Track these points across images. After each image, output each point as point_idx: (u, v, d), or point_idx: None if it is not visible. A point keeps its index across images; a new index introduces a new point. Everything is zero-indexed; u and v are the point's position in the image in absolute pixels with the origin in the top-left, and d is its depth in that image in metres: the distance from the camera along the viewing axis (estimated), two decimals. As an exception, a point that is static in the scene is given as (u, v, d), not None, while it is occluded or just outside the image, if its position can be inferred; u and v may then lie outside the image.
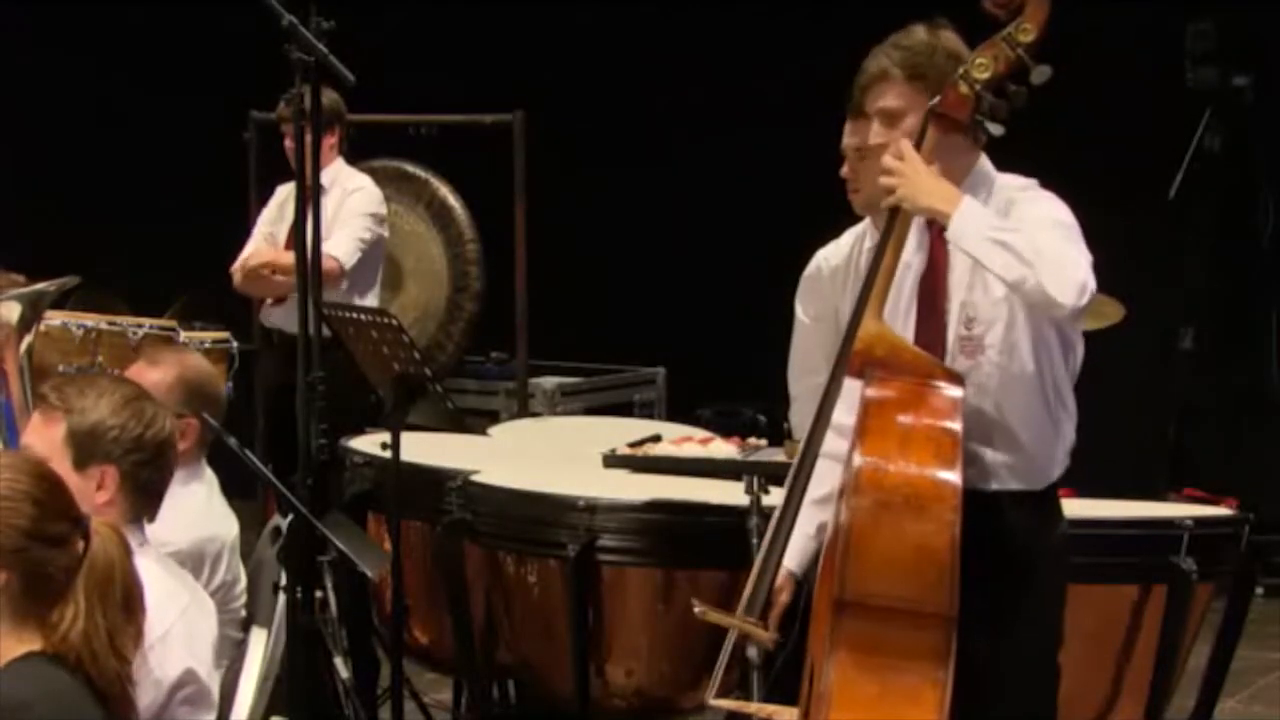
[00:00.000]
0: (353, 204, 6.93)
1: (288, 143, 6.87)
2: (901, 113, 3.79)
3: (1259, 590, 5.34)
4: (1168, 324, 8.13)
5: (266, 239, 7.15)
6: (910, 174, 3.66)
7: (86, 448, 3.56)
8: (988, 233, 3.58)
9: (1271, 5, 7.80)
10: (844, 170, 4.79)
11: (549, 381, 8.48)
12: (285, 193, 7.12)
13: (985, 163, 3.84)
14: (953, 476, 3.48)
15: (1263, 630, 6.43)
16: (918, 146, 3.72)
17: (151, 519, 3.67)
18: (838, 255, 4.89)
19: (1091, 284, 3.55)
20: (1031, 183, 3.81)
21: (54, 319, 6.13)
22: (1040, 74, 3.66)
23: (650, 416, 8.14)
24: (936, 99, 3.72)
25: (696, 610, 3.89)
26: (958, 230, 3.60)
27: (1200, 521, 4.63)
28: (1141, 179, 7.96)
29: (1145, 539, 4.64)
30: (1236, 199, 8.17)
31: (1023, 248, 3.53)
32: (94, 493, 3.52)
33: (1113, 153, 7.82)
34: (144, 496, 3.63)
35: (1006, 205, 3.75)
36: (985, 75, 3.68)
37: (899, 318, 3.81)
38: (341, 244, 6.79)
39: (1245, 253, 8.23)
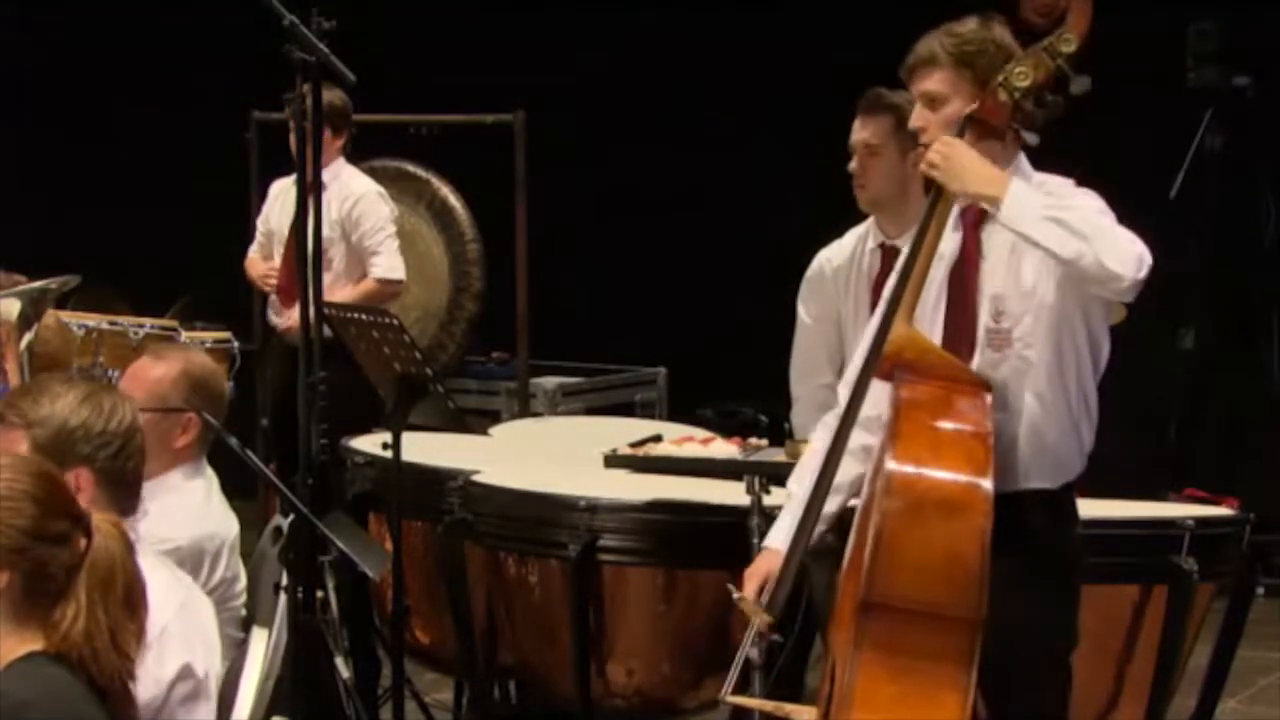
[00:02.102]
0: (369, 219, 6.94)
1: (294, 139, 6.87)
2: (944, 98, 3.78)
3: (1260, 590, 5.33)
4: (1168, 324, 8.13)
5: (261, 245, 7.17)
6: (956, 157, 3.65)
7: (55, 456, 3.50)
8: (1042, 211, 3.58)
9: (1273, 5, 7.80)
10: (852, 165, 4.78)
11: (550, 381, 8.48)
12: (278, 189, 7.14)
13: (1023, 161, 3.83)
14: (984, 482, 3.49)
15: (1264, 630, 6.41)
16: None
17: (133, 511, 3.64)
18: (840, 255, 4.91)
19: (1148, 257, 3.55)
20: (1068, 182, 3.81)
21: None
22: (1080, 84, 3.66)
23: (651, 416, 8.13)
24: (975, 104, 3.72)
25: (736, 596, 3.88)
26: (1011, 212, 3.60)
27: (1201, 522, 4.63)
28: (1142, 179, 7.95)
29: (1146, 539, 4.64)
30: (1237, 199, 8.17)
31: (1078, 224, 3.54)
32: None
33: (1113, 152, 7.81)
34: (121, 489, 3.59)
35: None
36: (1025, 84, 3.68)
37: (929, 308, 3.81)
38: (389, 264, 6.96)
39: (1245, 253, 8.23)
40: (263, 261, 7.13)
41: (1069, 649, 3.83)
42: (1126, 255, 3.54)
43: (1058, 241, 3.56)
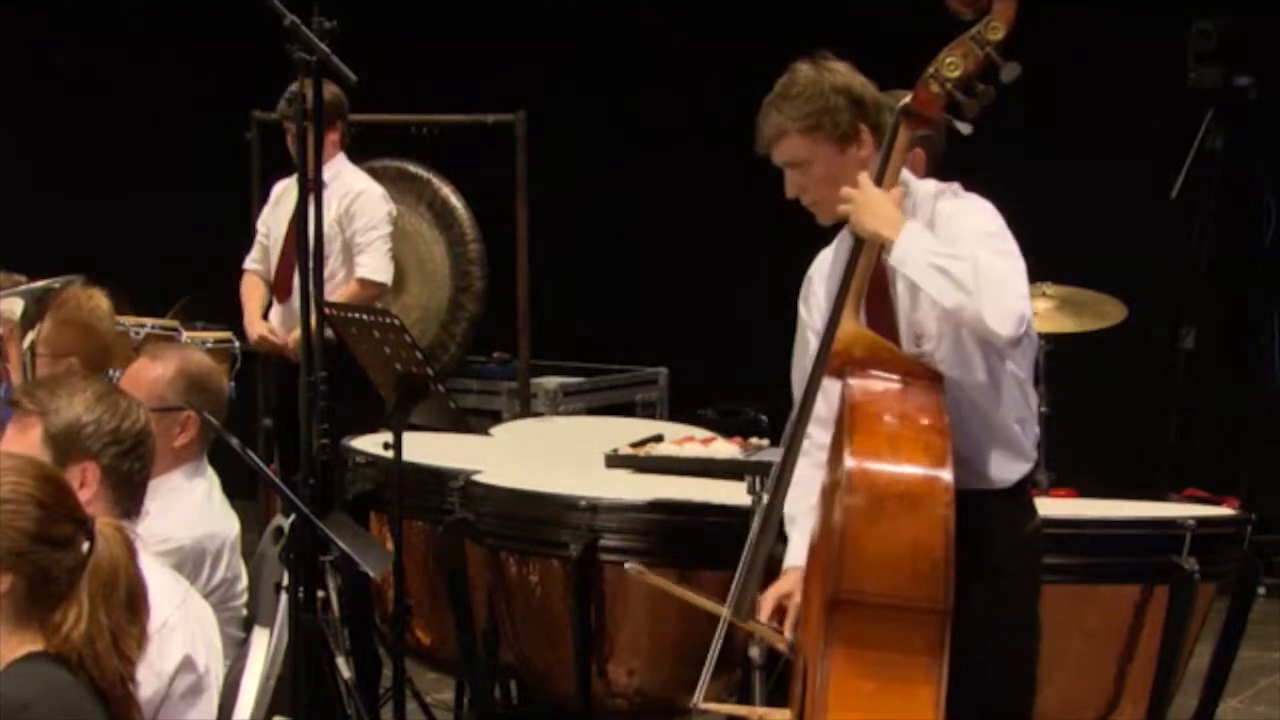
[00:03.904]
0: (363, 216, 6.93)
1: (291, 140, 6.87)
2: (809, 161, 3.84)
3: (1261, 590, 5.34)
4: (1168, 324, 8.13)
5: (260, 247, 7.16)
6: (861, 200, 3.71)
7: (65, 447, 3.55)
8: (929, 258, 3.61)
9: (1273, 5, 7.80)
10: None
11: (551, 381, 8.48)
12: (280, 189, 7.13)
13: (911, 179, 3.85)
14: (944, 473, 3.50)
15: (1265, 630, 6.43)
16: (890, 144, 3.75)
17: (136, 514, 3.65)
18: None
19: (1028, 313, 3.60)
20: (955, 186, 3.82)
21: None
22: (1010, 71, 3.67)
23: (652, 416, 8.13)
24: (908, 98, 3.74)
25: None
26: (900, 255, 3.65)
27: (1202, 522, 4.62)
28: (1143, 179, 7.96)
29: (1147, 539, 4.64)
30: (1237, 199, 8.17)
31: (963, 275, 3.57)
32: (76, 491, 3.49)
33: (1114, 153, 7.81)
34: (126, 490, 3.61)
35: (933, 216, 3.77)
36: (955, 74, 3.70)
37: None
38: (375, 264, 6.92)
39: (1245, 253, 8.23)
40: (263, 321, 7.08)
41: (1030, 644, 3.84)
42: (1006, 314, 3.56)
43: (940, 291, 3.60)
